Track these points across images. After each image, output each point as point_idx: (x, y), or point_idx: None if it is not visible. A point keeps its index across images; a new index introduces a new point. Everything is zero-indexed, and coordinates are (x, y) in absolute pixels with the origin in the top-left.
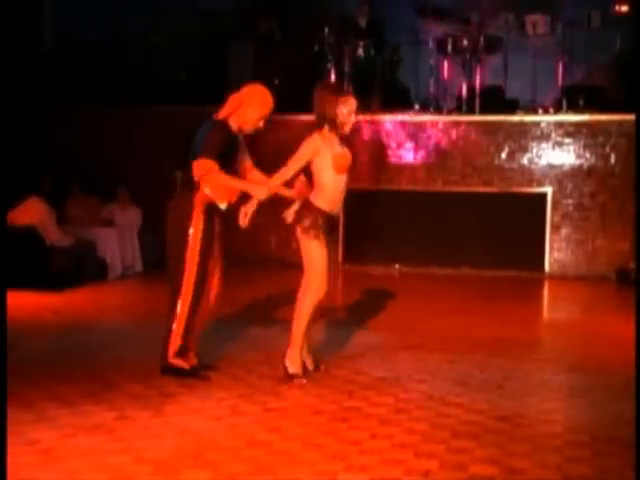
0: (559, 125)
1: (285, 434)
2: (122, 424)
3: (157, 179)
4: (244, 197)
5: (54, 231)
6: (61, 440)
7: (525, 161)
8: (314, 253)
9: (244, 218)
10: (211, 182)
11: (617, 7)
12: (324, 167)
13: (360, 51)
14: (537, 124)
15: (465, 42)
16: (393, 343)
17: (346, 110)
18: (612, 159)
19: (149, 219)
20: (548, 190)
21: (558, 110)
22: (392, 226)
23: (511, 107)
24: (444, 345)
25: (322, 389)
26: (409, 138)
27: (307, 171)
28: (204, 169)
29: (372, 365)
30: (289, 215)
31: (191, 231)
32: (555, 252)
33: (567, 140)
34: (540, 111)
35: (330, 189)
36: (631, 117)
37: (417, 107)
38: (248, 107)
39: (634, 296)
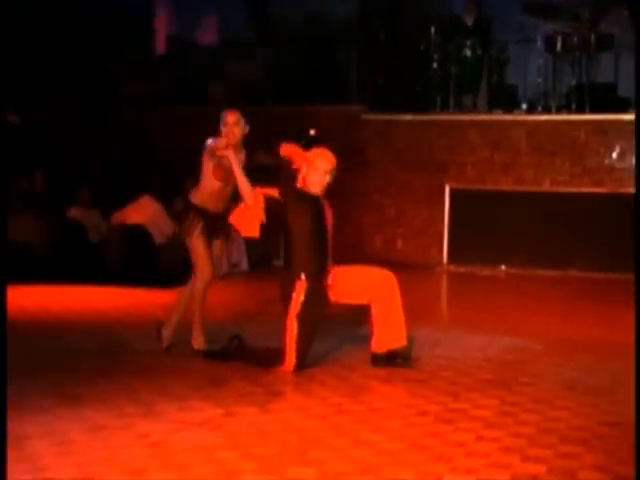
0: None
1: (390, 434)
2: (229, 420)
3: None
4: None
5: (163, 229)
6: (170, 434)
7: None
8: None
9: None
10: None
11: None
12: None
13: (467, 50)
14: None
15: (575, 40)
16: (498, 345)
17: None
18: None
19: None
20: None
21: None
22: (498, 227)
23: (623, 106)
24: (551, 348)
25: (427, 390)
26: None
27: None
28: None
29: (477, 367)
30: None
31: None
32: None
33: None
34: None
35: None
36: None
37: (525, 106)
38: (312, 169)
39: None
